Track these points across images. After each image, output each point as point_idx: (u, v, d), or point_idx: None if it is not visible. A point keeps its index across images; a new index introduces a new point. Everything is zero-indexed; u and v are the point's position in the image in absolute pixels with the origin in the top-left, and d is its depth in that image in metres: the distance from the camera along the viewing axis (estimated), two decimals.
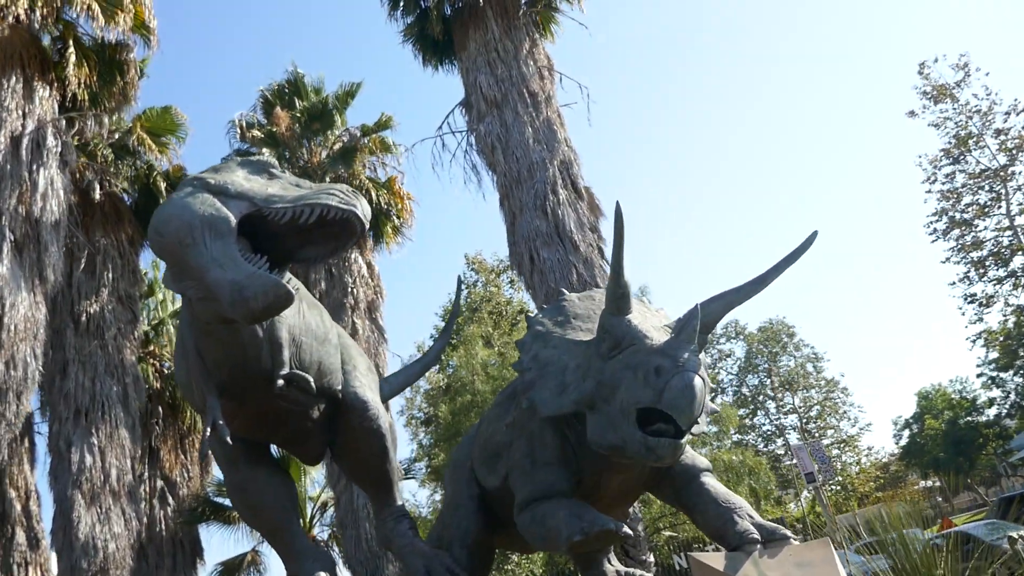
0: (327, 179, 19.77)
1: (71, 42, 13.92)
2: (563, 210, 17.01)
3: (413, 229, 22.30)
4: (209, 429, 4.93)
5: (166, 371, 22.19)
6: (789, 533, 4.92)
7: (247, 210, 4.30)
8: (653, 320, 5.27)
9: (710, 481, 5.32)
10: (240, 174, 4.55)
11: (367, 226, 4.47)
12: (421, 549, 5.73)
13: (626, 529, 4.73)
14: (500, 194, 17.85)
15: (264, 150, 19.42)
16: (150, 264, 22.65)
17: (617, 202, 5.23)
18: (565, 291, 6.04)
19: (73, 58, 13.83)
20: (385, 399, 7.19)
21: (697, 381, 4.30)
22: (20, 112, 13.12)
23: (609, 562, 6.70)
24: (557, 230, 16.90)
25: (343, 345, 5.81)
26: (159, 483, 20.69)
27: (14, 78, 13.28)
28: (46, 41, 14.32)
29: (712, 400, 5.67)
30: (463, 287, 7.30)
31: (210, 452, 5.63)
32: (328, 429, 5.67)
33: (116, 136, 18.25)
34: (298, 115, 20.32)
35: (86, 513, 15.68)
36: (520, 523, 5.34)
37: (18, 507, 18.71)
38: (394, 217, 21.25)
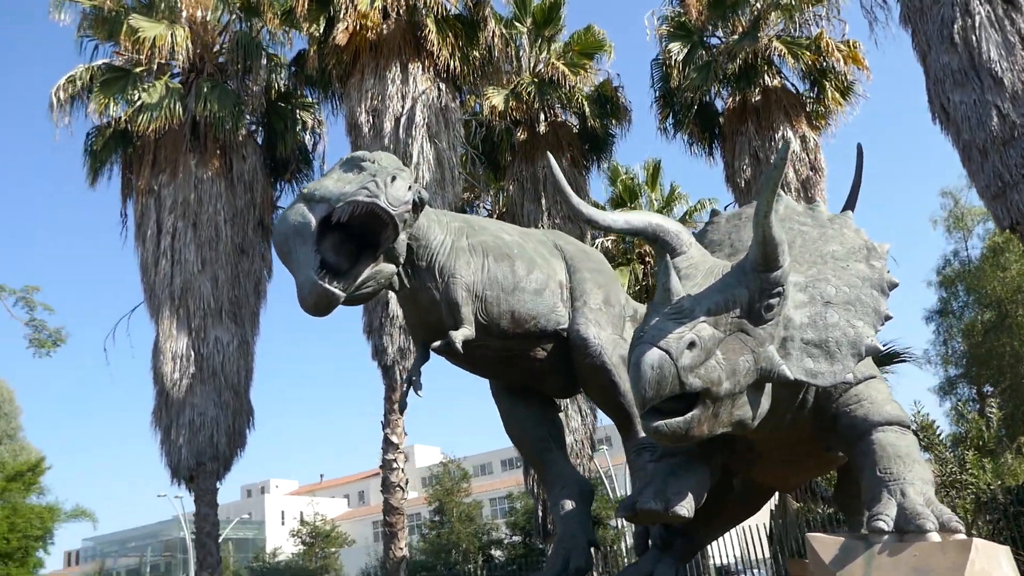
0: (738, 60, 18.25)
1: (428, 20, 15.80)
2: (979, 33, 12.95)
3: (872, 82, 19.14)
4: (405, 384, 5.76)
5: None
6: (932, 526, 3.92)
7: (325, 212, 4.67)
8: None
9: (883, 439, 4.31)
10: (334, 177, 4.90)
11: (394, 213, 4.66)
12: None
13: (678, 509, 4.34)
14: (910, 34, 14.25)
15: (672, 45, 18.87)
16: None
17: (551, 161, 4.68)
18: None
19: (434, 34, 15.73)
20: None
21: (650, 356, 3.61)
22: (399, 95, 15.56)
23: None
24: (972, 62, 13.00)
25: (577, 280, 5.91)
26: None
27: (395, 67, 15.81)
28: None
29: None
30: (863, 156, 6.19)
31: None
32: (567, 365, 5.81)
33: (538, 70, 19.88)
34: None
35: None
36: None
37: None
38: (832, 78, 18.55)
